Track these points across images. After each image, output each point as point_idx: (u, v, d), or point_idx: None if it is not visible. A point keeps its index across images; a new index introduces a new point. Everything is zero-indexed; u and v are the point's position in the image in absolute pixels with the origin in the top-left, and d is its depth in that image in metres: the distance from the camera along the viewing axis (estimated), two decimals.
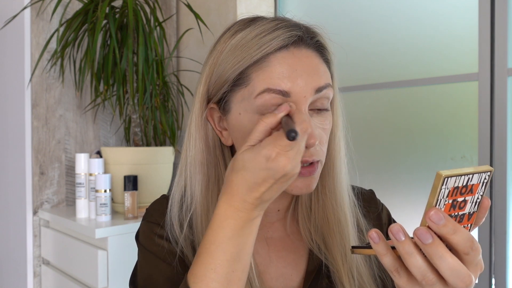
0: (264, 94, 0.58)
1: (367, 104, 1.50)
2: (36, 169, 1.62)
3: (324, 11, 1.62)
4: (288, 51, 0.60)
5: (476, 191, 0.44)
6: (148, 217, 0.71)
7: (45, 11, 1.64)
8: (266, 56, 0.59)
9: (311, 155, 0.59)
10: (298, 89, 0.58)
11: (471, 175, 0.43)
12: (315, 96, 0.59)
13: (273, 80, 0.58)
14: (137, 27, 1.49)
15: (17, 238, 1.67)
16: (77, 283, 1.42)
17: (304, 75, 0.59)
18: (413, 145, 1.38)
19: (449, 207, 0.44)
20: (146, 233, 0.69)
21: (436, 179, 0.42)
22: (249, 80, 0.60)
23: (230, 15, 1.70)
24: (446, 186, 0.42)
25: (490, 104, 1.21)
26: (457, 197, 0.44)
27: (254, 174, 0.51)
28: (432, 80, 1.33)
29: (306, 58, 0.60)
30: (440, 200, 0.43)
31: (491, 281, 1.21)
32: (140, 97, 1.47)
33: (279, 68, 0.58)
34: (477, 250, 0.43)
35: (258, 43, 0.60)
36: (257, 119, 0.59)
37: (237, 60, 0.60)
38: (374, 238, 0.46)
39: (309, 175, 0.60)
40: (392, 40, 1.43)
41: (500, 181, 1.19)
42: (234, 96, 0.62)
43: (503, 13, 1.18)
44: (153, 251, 0.67)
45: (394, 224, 0.44)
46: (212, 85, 0.64)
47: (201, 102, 0.65)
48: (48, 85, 1.66)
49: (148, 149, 1.51)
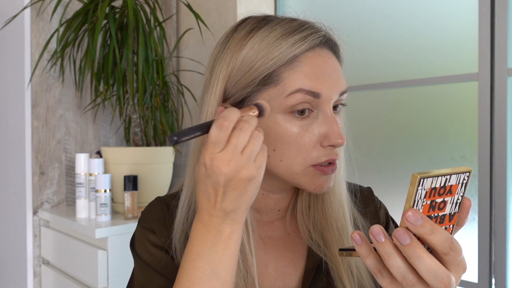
0: (296, 94, 0.58)
1: (367, 104, 1.50)
2: (36, 169, 1.62)
3: (323, 11, 1.62)
4: (315, 52, 0.60)
5: (455, 192, 0.45)
6: (143, 222, 0.70)
7: (45, 11, 1.64)
8: (297, 56, 0.59)
9: (336, 154, 0.61)
10: (327, 92, 0.59)
11: (449, 176, 0.43)
12: (338, 98, 0.61)
13: (306, 81, 0.58)
14: (137, 27, 1.49)
15: (17, 238, 1.67)
16: (77, 283, 1.42)
17: (332, 77, 0.60)
18: (413, 145, 1.38)
19: (427, 208, 0.44)
20: (141, 241, 0.68)
21: (412, 180, 0.42)
22: (279, 79, 0.59)
23: (230, 15, 1.70)
24: (423, 187, 0.42)
25: (490, 104, 1.21)
26: (435, 198, 0.44)
27: (204, 185, 0.52)
28: (432, 80, 1.33)
29: (330, 59, 0.61)
30: (418, 201, 0.43)
31: (491, 281, 1.21)
32: (140, 97, 1.47)
33: (309, 68, 0.59)
34: (456, 250, 0.43)
35: (288, 42, 0.59)
36: (286, 120, 0.59)
37: (268, 59, 0.58)
38: (357, 240, 0.47)
39: (332, 173, 0.61)
40: (392, 40, 1.43)
41: (500, 181, 1.19)
42: (260, 96, 0.60)
43: (503, 13, 1.18)
44: (148, 261, 0.66)
45: (374, 226, 0.45)
46: (233, 85, 0.61)
47: (217, 101, 0.61)
48: (48, 85, 1.66)
49: (148, 149, 1.51)
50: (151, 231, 0.68)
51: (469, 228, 1.26)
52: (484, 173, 1.21)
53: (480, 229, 1.22)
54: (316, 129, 0.60)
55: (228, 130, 0.50)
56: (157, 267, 0.65)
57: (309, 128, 0.60)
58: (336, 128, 0.59)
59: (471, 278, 1.25)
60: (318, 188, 0.61)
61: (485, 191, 1.21)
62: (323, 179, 0.61)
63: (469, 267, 1.25)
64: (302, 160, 0.60)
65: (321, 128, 0.60)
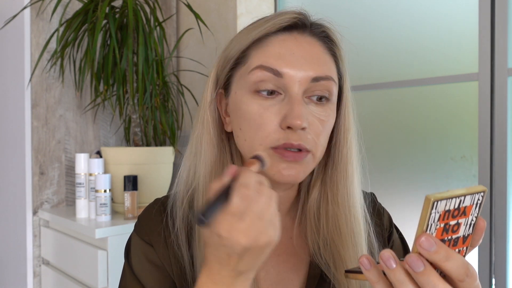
0: (256, 70, 0.58)
1: (367, 104, 1.50)
2: (36, 169, 1.62)
3: (323, 11, 1.62)
4: (291, 35, 0.60)
5: (469, 213, 0.42)
6: (141, 233, 0.66)
7: (45, 11, 1.64)
8: (267, 35, 0.60)
9: (297, 139, 0.56)
10: (292, 73, 0.57)
11: (463, 197, 0.41)
12: (311, 84, 0.58)
13: (268, 59, 0.58)
14: (137, 27, 1.49)
15: (17, 238, 1.67)
16: (77, 283, 1.42)
17: (302, 60, 0.58)
18: (413, 145, 1.38)
19: (441, 232, 0.41)
20: (137, 253, 0.65)
21: (425, 204, 0.40)
22: (247, 58, 0.60)
23: (230, 15, 1.70)
24: (437, 210, 0.40)
25: (490, 104, 1.21)
26: (449, 221, 0.41)
27: (217, 250, 0.47)
28: (432, 80, 1.33)
29: (308, 44, 0.59)
30: (431, 224, 0.41)
31: (491, 281, 1.21)
32: (140, 97, 1.47)
33: (277, 48, 0.58)
34: (472, 276, 0.41)
35: (261, 25, 0.60)
36: (250, 98, 0.58)
37: (240, 40, 0.61)
38: (365, 264, 0.44)
39: (293, 159, 0.56)
40: (392, 40, 1.43)
41: (500, 181, 1.19)
42: (235, 75, 0.62)
43: (503, 13, 1.18)
44: (140, 278, 0.63)
45: (385, 251, 0.42)
46: (220, 68, 0.64)
47: (211, 87, 0.64)
48: (48, 85, 1.66)
49: (148, 149, 1.51)
50: (149, 245, 0.64)
51: None
52: (484, 173, 1.21)
53: None
54: (277, 110, 0.57)
55: (250, 199, 0.46)
56: (149, 285, 0.63)
57: (271, 108, 0.57)
58: (296, 109, 0.55)
59: None
60: (277, 174, 0.57)
61: None
62: (284, 166, 0.57)
63: None
64: (261, 140, 0.57)
65: (283, 109, 0.57)
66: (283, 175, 0.57)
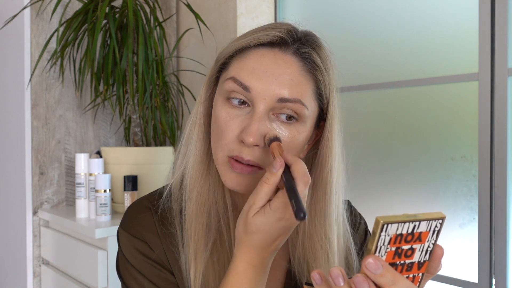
0: (229, 81, 0.60)
1: (367, 104, 1.50)
2: (36, 169, 1.62)
3: (323, 11, 1.62)
4: (271, 51, 0.60)
5: (425, 239, 0.41)
6: (130, 229, 0.66)
7: (45, 11, 1.64)
8: (249, 48, 0.61)
9: (247, 154, 0.58)
10: (259, 89, 0.58)
11: (418, 222, 0.40)
12: (277, 104, 0.58)
13: (241, 71, 0.59)
14: (137, 27, 1.49)
15: (17, 238, 1.67)
16: (77, 283, 1.42)
17: (271, 78, 0.58)
18: (413, 145, 1.38)
19: (392, 255, 0.41)
20: (130, 250, 0.65)
21: (375, 225, 0.39)
22: (228, 66, 0.62)
23: (230, 15, 1.70)
24: (387, 233, 0.39)
25: (490, 104, 1.21)
26: (401, 245, 0.41)
27: (270, 234, 0.53)
28: (432, 80, 1.33)
29: (285, 63, 0.59)
30: (380, 247, 0.40)
31: (491, 281, 1.21)
32: (140, 97, 1.47)
33: (252, 63, 0.59)
34: None
35: (247, 36, 0.62)
36: (222, 104, 0.60)
37: (229, 46, 0.63)
38: (316, 279, 0.45)
39: (240, 171, 0.59)
40: (392, 40, 1.43)
41: (500, 181, 1.19)
42: (220, 78, 0.64)
43: (503, 13, 1.18)
44: (145, 273, 0.63)
45: (334, 268, 0.42)
46: (212, 68, 0.67)
47: (206, 85, 0.67)
48: (48, 85, 1.65)
49: (148, 149, 1.51)
50: (141, 241, 0.65)
51: (469, 228, 1.26)
52: (484, 173, 1.21)
53: (480, 229, 1.21)
54: (240, 121, 0.59)
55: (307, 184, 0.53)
56: (149, 277, 0.63)
57: (236, 118, 0.59)
58: (252, 125, 0.57)
59: (471, 278, 1.25)
60: (227, 181, 0.60)
61: (485, 191, 1.21)
62: (233, 175, 0.59)
63: (469, 267, 1.25)
64: (221, 147, 0.60)
65: (244, 122, 0.59)
66: (231, 183, 0.60)
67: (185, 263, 0.63)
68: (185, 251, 0.63)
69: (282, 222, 0.53)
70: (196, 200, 0.64)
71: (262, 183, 0.53)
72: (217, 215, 0.64)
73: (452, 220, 1.29)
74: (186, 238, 0.63)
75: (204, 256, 0.62)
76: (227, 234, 0.64)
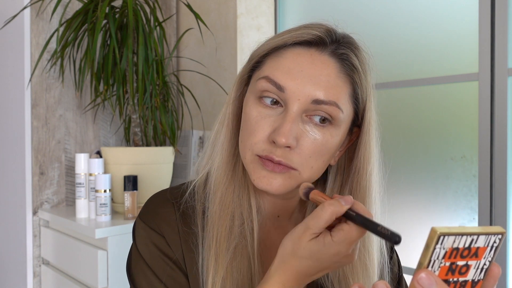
0: (262, 80, 0.58)
1: None
2: (36, 169, 1.62)
3: (323, 12, 1.62)
4: (307, 51, 0.58)
5: (482, 256, 0.38)
6: (149, 221, 0.63)
7: (45, 11, 1.64)
8: (284, 47, 0.59)
9: (279, 155, 0.56)
10: (294, 90, 0.56)
11: (476, 236, 0.37)
12: (311, 105, 0.56)
13: (276, 71, 0.57)
14: (137, 27, 1.49)
15: (17, 238, 1.67)
16: (77, 283, 1.42)
17: (307, 79, 0.56)
18: (413, 145, 1.38)
19: (446, 271, 0.38)
20: (145, 242, 0.62)
21: (430, 236, 0.36)
22: (263, 64, 0.61)
23: (230, 15, 1.70)
24: (442, 246, 0.36)
25: (490, 104, 1.21)
26: (456, 260, 0.37)
27: (320, 264, 0.51)
28: (432, 80, 1.33)
29: (322, 64, 0.58)
30: (434, 261, 0.37)
31: None
32: (140, 97, 1.47)
33: (289, 62, 0.57)
34: None
35: (284, 34, 0.60)
36: (253, 103, 0.59)
37: (264, 44, 0.62)
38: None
39: (271, 169, 0.57)
40: (392, 40, 1.43)
41: (500, 181, 1.19)
42: (252, 77, 0.63)
43: (503, 13, 1.18)
44: (155, 270, 0.61)
45: (379, 282, 0.41)
46: (245, 67, 0.65)
47: (237, 84, 0.65)
48: (48, 85, 1.66)
49: (148, 149, 1.51)
50: (159, 235, 0.62)
51: None
52: (484, 173, 1.21)
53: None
54: (272, 121, 0.57)
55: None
56: (160, 274, 0.61)
57: (267, 118, 0.57)
58: (284, 126, 0.55)
59: None
60: (257, 180, 0.57)
61: (485, 191, 1.21)
62: (264, 173, 0.57)
63: None
64: (250, 146, 0.58)
65: (277, 122, 0.57)
66: (260, 182, 0.57)
67: (203, 266, 0.60)
68: (205, 253, 0.60)
69: (338, 257, 0.50)
70: (220, 202, 0.62)
71: (325, 209, 0.49)
72: (241, 218, 0.62)
73: (452, 220, 1.29)
74: (208, 240, 0.61)
75: (225, 261, 0.59)
76: (251, 239, 0.61)
